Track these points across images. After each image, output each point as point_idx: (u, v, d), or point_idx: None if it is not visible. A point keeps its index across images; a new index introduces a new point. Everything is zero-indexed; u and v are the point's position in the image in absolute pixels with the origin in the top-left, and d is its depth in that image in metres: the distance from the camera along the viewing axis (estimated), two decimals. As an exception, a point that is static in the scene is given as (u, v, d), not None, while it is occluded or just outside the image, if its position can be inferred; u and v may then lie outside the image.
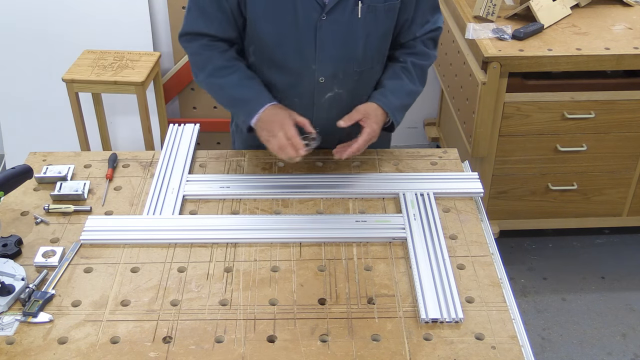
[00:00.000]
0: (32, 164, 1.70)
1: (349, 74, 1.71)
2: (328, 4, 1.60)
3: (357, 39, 1.66)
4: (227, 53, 1.72)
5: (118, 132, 3.41)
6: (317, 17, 1.61)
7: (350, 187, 1.69)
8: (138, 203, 1.66)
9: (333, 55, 1.67)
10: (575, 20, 2.67)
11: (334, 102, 1.75)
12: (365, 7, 1.62)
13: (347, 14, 1.62)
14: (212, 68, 1.70)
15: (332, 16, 1.61)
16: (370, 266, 1.48)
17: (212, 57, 1.70)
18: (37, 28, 3.15)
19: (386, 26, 1.69)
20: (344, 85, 1.73)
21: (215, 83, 1.72)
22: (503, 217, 2.83)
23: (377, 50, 1.72)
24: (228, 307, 1.38)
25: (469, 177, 1.74)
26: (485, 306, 1.39)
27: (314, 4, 1.60)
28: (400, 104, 1.75)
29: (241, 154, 1.84)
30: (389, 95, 1.73)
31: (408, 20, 1.73)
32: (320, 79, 1.70)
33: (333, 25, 1.63)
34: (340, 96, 1.75)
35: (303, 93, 1.73)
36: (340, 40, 1.65)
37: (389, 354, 1.28)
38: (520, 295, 2.77)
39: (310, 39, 1.64)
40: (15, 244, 1.50)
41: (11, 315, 1.35)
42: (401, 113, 1.77)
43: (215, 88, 1.73)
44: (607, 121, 2.60)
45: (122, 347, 1.29)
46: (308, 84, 1.72)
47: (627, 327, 2.64)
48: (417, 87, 1.78)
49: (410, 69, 1.76)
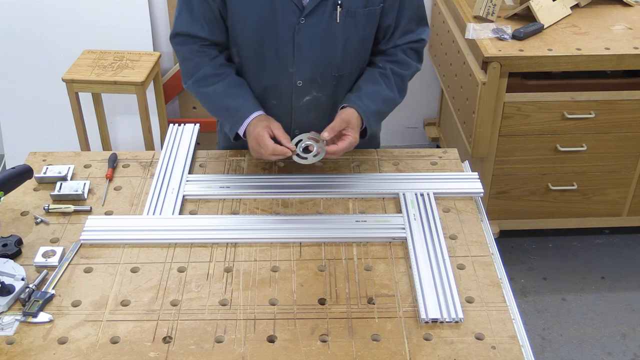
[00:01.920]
0: (32, 164, 1.70)
1: (327, 79, 1.70)
2: (307, 7, 1.59)
3: (336, 43, 1.65)
4: (217, 59, 1.71)
5: (118, 132, 3.41)
6: (295, 20, 1.60)
7: (350, 187, 1.69)
8: (138, 203, 1.66)
9: (311, 59, 1.66)
10: (575, 20, 2.67)
11: (312, 106, 1.75)
12: (344, 12, 1.61)
13: (325, 18, 1.61)
14: (199, 76, 1.69)
15: (310, 20, 1.61)
16: (370, 266, 1.48)
17: (201, 63, 1.69)
18: (37, 28, 3.15)
19: (366, 32, 1.68)
20: (323, 90, 1.72)
21: (202, 92, 1.71)
22: (503, 217, 2.83)
23: (356, 55, 1.71)
24: (228, 307, 1.38)
25: (469, 177, 1.74)
26: (485, 306, 1.39)
27: (293, 7, 1.59)
28: (376, 109, 1.70)
29: (241, 154, 1.84)
30: (365, 98, 1.68)
31: (390, 27, 1.70)
32: (298, 82, 1.69)
33: (311, 28, 1.62)
34: (318, 100, 1.74)
35: (281, 96, 1.73)
36: (318, 44, 1.64)
37: (389, 354, 1.28)
38: (520, 295, 2.77)
39: (289, 42, 1.63)
40: (15, 244, 1.50)
41: (11, 315, 1.35)
42: (376, 119, 1.73)
43: (203, 97, 1.72)
44: (607, 121, 2.60)
45: (122, 347, 1.29)
46: (286, 87, 1.71)
47: (627, 327, 2.64)
48: (394, 95, 1.74)
49: (389, 76, 1.73)
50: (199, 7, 1.65)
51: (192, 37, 1.69)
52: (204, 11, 1.65)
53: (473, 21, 2.64)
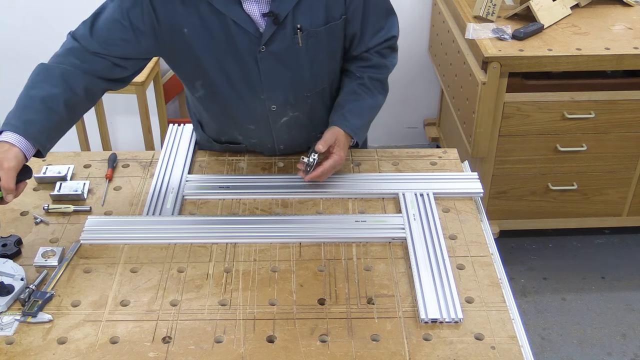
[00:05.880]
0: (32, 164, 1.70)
1: (301, 99, 1.69)
2: (264, 35, 1.54)
3: (302, 65, 1.62)
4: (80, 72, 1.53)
5: (118, 132, 3.41)
6: (255, 49, 1.56)
7: (350, 187, 1.69)
8: (138, 203, 1.66)
9: (279, 84, 1.64)
10: (575, 20, 2.67)
11: (291, 124, 1.74)
12: (305, 35, 1.57)
13: (286, 43, 1.57)
14: (42, 65, 1.54)
15: (271, 47, 1.57)
16: (370, 266, 1.48)
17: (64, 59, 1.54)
18: (37, 28, 3.15)
19: (332, 46, 1.64)
20: (298, 109, 1.71)
21: (34, 70, 1.55)
22: (503, 217, 2.83)
23: (325, 71, 1.68)
24: (227, 307, 1.38)
25: (469, 177, 1.74)
26: (484, 306, 1.38)
27: (251, 36, 1.54)
28: (362, 123, 1.70)
29: (241, 154, 1.84)
30: (349, 116, 1.67)
31: (357, 34, 1.66)
32: (272, 107, 1.68)
33: (274, 55, 1.58)
34: (296, 118, 1.73)
35: (258, 120, 1.71)
36: (284, 68, 1.61)
37: (389, 354, 1.28)
38: (520, 295, 2.77)
39: (254, 71, 1.60)
40: (14, 244, 1.50)
41: (11, 315, 1.35)
42: (364, 131, 1.73)
43: (36, 70, 1.55)
44: (607, 121, 2.60)
45: (122, 347, 1.29)
46: (261, 113, 1.69)
47: (627, 327, 2.64)
48: (377, 100, 1.73)
49: (368, 85, 1.71)
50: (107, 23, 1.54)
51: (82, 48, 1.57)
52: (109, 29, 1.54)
53: (473, 21, 2.64)
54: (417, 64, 3.42)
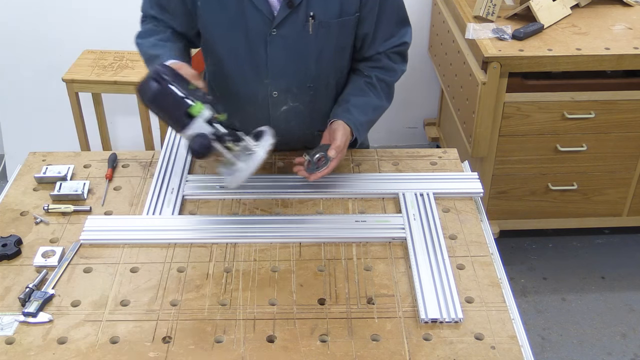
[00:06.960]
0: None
1: (303, 90, 1.70)
2: (276, 17, 1.57)
3: (309, 54, 1.64)
4: (169, 33, 1.67)
5: (118, 132, 3.41)
6: (267, 31, 1.59)
7: (350, 187, 1.69)
8: (138, 203, 1.66)
9: (285, 71, 1.65)
10: (575, 20, 2.67)
11: (290, 115, 1.74)
12: (316, 23, 1.58)
13: (297, 29, 1.59)
14: (143, 30, 1.70)
15: (281, 31, 1.59)
16: (370, 266, 1.48)
17: (154, 30, 1.68)
18: (37, 28, 3.15)
19: (341, 42, 1.66)
20: (299, 100, 1.71)
21: (137, 43, 1.70)
22: (503, 217, 2.83)
23: (332, 66, 1.69)
24: (227, 307, 1.38)
25: (469, 177, 1.74)
26: (484, 306, 1.38)
27: (264, 17, 1.57)
28: (366, 120, 1.71)
29: (241, 154, 1.84)
30: (353, 110, 1.68)
31: (369, 34, 1.68)
32: (273, 93, 1.69)
33: (283, 40, 1.60)
34: (296, 109, 1.73)
35: (258, 105, 1.72)
36: (291, 55, 1.63)
37: (389, 354, 1.28)
38: (520, 295, 2.77)
39: (262, 53, 1.62)
40: (14, 244, 1.50)
41: (11, 315, 1.35)
42: (365, 129, 1.73)
43: (139, 49, 1.70)
44: (607, 121, 2.60)
45: (122, 347, 1.29)
46: (262, 97, 1.71)
47: (627, 327, 2.64)
48: (382, 102, 1.75)
49: (375, 84, 1.72)
50: None
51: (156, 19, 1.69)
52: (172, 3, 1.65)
53: (473, 21, 2.64)
54: (417, 64, 3.41)
